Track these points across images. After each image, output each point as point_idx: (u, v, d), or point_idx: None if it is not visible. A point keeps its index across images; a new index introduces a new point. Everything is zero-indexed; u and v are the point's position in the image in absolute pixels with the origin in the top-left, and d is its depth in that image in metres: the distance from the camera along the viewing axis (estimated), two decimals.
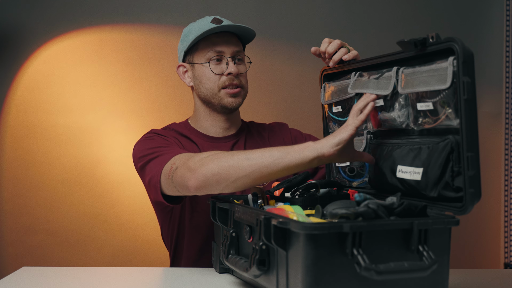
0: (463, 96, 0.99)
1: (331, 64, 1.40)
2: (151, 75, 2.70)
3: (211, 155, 1.27)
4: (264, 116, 1.78)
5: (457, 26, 2.89)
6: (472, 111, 1.00)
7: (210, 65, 1.55)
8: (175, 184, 1.32)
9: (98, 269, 1.49)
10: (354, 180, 1.38)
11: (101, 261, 2.61)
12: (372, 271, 0.89)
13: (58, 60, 2.65)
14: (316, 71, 2.98)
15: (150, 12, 2.70)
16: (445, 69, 1.03)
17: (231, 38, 1.57)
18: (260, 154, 1.20)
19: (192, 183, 1.25)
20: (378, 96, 1.22)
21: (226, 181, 1.22)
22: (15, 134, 2.63)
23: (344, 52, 1.38)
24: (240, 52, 1.59)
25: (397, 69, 1.18)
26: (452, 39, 1.02)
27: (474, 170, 0.99)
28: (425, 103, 1.10)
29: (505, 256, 2.89)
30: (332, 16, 2.84)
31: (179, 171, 1.30)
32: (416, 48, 1.11)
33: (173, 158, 1.37)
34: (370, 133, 1.32)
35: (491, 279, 1.43)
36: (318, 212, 1.09)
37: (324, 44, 1.42)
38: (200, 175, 1.24)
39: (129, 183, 2.64)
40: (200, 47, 1.57)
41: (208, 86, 1.57)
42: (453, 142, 1.04)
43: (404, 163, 1.15)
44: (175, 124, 1.67)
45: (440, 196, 1.07)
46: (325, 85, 1.45)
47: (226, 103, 1.56)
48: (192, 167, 1.26)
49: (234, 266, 1.15)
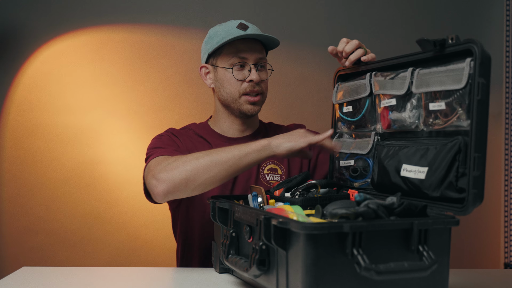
0: (476, 97, 1.00)
1: (347, 64, 1.40)
2: (151, 75, 2.70)
3: (175, 161, 1.32)
4: (264, 116, 1.78)
5: (457, 26, 2.89)
6: (484, 112, 1.01)
7: (233, 71, 1.56)
8: (148, 187, 1.38)
9: (98, 269, 1.49)
10: (357, 181, 1.38)
11: (101, 261, 2.61)
12: (372, 271, 0.89)
13: (58, 60, 2.65)
14: (316, 71, 2.99)
15: (150, 12, 2.71)
16: (461, 70, 1.04)
17: (256, 45, 1.57)
18: (224, 154, 1.30)
19: (158, 190, 1.31)
20: (391, 96, 1.23)
21: (194, 184, 1.29)
22: (15, 134, 2.63)
23: (361, 52, 1.38)
24: (263, 59, 1.59)
25: (412, 69, 1.18)
26: (472, 40, 1.02)
27: (479, 171, 1.00)
28: (438, 103, 1.10)
29: (505, 256, 2.89)
30: (333, 16, 2.84)
31: (148, 177, 1.36)
32: (435, 48, 1.11)
33: (152, 160, 1.41)
34: (378, 134, 1.32)
35: (491, 279, 1.43)
36: (318, 212, 1.09)
37: (342, 44, 1.42)
38: (167, 181, 1.30)
39: (129, 183, 2.64)
40: (224, 52, 1.57)
41: (229, 91, 1.58)
42: (461, 143, 1.04)
43: (410, 162, 1.15)
44: (194, 125, 1.69)
45: (442, 196, 1.07)
46: (338, 85, 1.45)
47: (245, 109, 1.58)
48: (157, 174, 1.32)
49: (234, 266, 1.15)
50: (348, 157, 1.41)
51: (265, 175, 1.60)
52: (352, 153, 1.39)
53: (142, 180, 1.45)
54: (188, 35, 2.70)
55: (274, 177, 1.60)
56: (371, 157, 1.33)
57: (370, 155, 1.33)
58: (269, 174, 1.60)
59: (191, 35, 2.70)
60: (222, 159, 1.30)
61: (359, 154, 1.36)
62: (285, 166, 1.63)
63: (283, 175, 1.61)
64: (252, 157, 1.30)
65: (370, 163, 1.33)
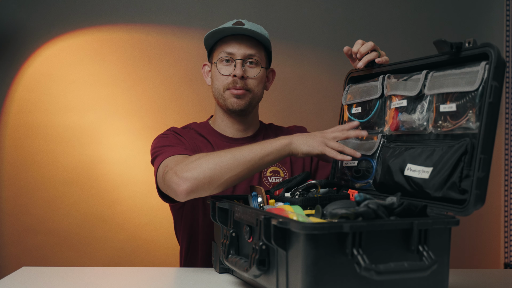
0: (488, 99, 1.01)
1: (360, 65, 1.39)
2: (151, 75, 2.70)
3: (198, 159, 1.31)
4: (264, 116, 1.78)
5: (457, 26, 2.89)
6: (494, 115, 1.02)
7: (218, 65, 1.57)
8: (166, 186, 1.36)
9: (98, 269, 1.49)
10: (358, 181, 1.38)
11: (101, 261, 2.61)
12: (372, 271, 0.89)
13: (58, 60, 2.65)
14: (316, 71, 2.99)
15: (150, 12, 2.71)
16: (475, 73, 1.05)
17: (247, 41, 1.57)
18: (246, 153, 1.30)
19: (181, 188, 1.28)
20: (403, 97, 1.24)
21: (217, 182, 1.28)
22: (15, 134, 2.63)
23: (375, 55, 1.38)
24: (254, 56, 1.58)
25: (426, 72, 1.18)
26: (489, 44, 1.03)
27: (484, 172, 1.00)
28: (449, 104, 1.11)
29: (505, 256, 2.89)
30: (332, 16, 2.84)
31: (168, 175, 1.34)
32: (452, 50, 1.11)
33: (168, 159, 1.40)
34: (384, 136, 1.32)
35: (491, 279, 1.43)
36: (318, 212, 1.09)
37: (357, 45, 1.42)
38: (190, 180, 1.28)
39: (129, 183, 2.64)
40: (217, 48, 1.60)
41: (216, 86, 1.60)
42: (468, 144, 1.05)
43: (415, 162, 1.15)
44: (195, 124, 1.69)
45: (444, 197, 1.07)
46: (349, 86, 1.45)
47: (229, 103, 1.58)
48: (180, 172, 1.29)
49: (234, 266, 1.15)
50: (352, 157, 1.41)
51: (268, 177, 1.60)
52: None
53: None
54: (188, 35, 2.70)
55: (276, 179, 1.60)
56: (375, 159, 1.33)
57: (374, 157, 1.33)
58: (272, 176, 1.61)
59: (191, 35, 2.70)
60: (245, 158, 1.29)
61: (364, 155, 1.36)
62: (288, 168, 1.63)
63: (285, 178, 1.61)
64: (273, 156, 1.32)
65: (374, 164, 1.33)
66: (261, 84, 1.61)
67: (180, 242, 1.68)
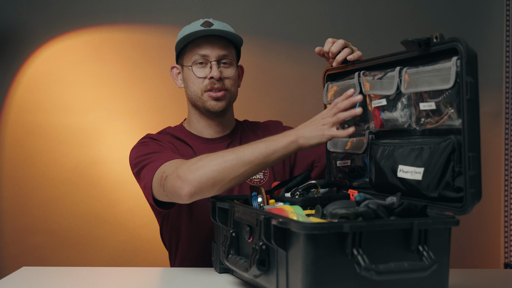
0: (465, 96, 0.99)
1: (335, 64, 1.39)
2: (151, 75, 2.70)
3: (199, 160, 1.28)
4: (264, 116, 1.78)
5: (457, 26, 2.89)
6: (475, 111, 1.00)
7: (193, 68, 1.56)
8: (166, 192, 1.34)
9: (98, 269, 1.49)
10: (355, 180, 1.38)
11: (101, 261, 2.61)
12: (372, 271, 0.89)
13: (58, 60, 2.65)
14: (316, 71, 2.98)
15: (150, 12, 2.71)
16: (448, 69, 1.03)
17: (219, 42, 1.56)
18: (250, 152, 1.27)
19: (184, 191, 1.26)
20: (381, 96, 1.22)
21: (221, 183, 1.26)
22: (15, 134, 2.63)
23: (347, 52, 1.38)
24: (227, 56, 1.57)
25: (400, 69, 1.18)
26: (456, 39, 1.01)
27: (475, 170, 0.99)
28: (428, 103, 1.10)
29: (505, 256, 2.89)
30: (332, 16, 2.84)
31: (169, 180, 1.31)
32: (420, 48, 1.11)
33: (163, 165, 1.37)
34: (372, 133, 1.32)
35: (491, 279, 1.43)
36: (318, 212, 1.09)
37: (327, 44, 1.42)
38: (193, 182, 1.25)
39: (129, 183, 2.64)
40: (187, 50, 1.58)
41: (193, 89, 1.58)
42: (454, 142, 1.04)
43: (405, 163, 1.15)
44: (170, 128, 1.67)
45: (441, 196, 1.07)
46: (328, 85, 1.45)
47: (209, 106, 1.56)
48: (183, 175, 1.27)
49: (234, 266, 1.15)
50: (344, 157, 1.41)
51: None
52: (348, 152, 1.40)
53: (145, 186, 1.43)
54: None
55: (257, 175, 1.59)
56: (367, 156, 1.33)
57: (366, 154, 1.33)
58: None
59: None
60: (249, 158, 1.26)
61: (355, 153, 1.36)
62: None
63: (266, 172, 1.60)
64: (279, 154, 1.28)
65: (367, 162, 1.33)
66: (236, 83, 1.61)
67: (168, 247, 1.67)
